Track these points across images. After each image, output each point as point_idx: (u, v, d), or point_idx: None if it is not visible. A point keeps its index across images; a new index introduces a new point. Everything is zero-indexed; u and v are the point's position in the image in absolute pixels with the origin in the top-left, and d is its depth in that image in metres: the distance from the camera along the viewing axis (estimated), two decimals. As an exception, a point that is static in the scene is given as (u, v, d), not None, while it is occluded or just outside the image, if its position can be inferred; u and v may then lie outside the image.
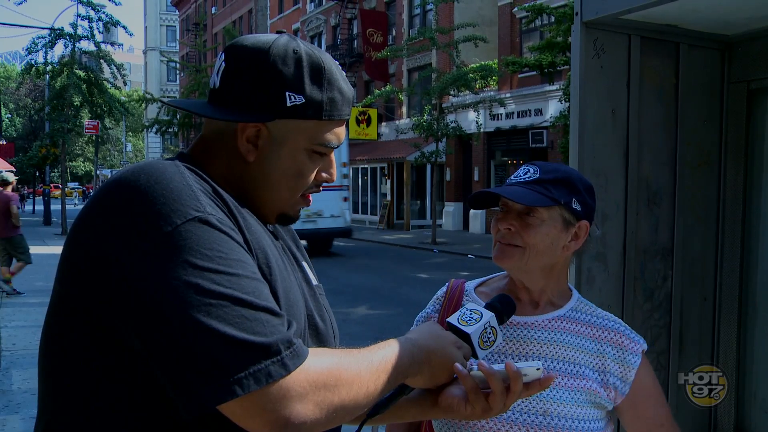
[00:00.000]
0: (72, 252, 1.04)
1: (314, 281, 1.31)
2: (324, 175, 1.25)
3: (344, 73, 1.24)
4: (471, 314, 1.29)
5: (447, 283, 1.71)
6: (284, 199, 1.22)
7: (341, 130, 1.22)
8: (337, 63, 1.23)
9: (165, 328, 0.92)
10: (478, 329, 1.27)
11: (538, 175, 1.50)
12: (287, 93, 1.14)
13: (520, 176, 1.52)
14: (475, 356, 1.26)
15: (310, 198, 1.27)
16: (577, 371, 1.50)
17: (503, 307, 1.35)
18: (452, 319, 1.29)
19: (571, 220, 1.50)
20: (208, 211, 1.00)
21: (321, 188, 1.27)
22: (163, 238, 0.96)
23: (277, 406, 0.93)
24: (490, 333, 1.28)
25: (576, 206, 1.49)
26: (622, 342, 1.52)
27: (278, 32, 1.21)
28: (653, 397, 1.53)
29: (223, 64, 1.18)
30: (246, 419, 0.94)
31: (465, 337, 1.26)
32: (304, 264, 1.33)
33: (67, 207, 24.76)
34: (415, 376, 1.17)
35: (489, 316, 1.29)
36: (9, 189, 11.51)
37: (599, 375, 1.50)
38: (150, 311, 0.94)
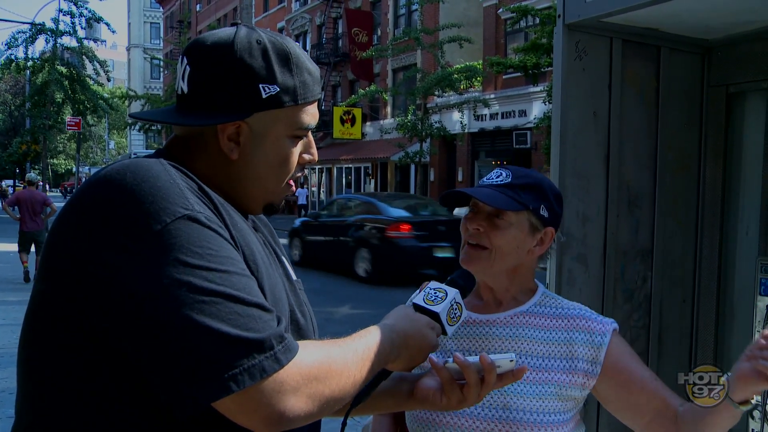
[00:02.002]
0: (55, 251, 1.03)
1: (293, 276, 1.31)
2: (306, 156, 1.25)
3: (306, 53, 1.23)
4: (436, 293, 1.32)
5: (423, 284, 1.74)
6: (271, 189, 1.22)
7: (315, 110, 1.23)
8: (299, 44, 1.23)
9: (158, 327, 0.92)
10: (445, 307, 1.30)
11: (509, 180, 1.53)
12: (260, 85, 1.13)
13: (493, 179, 1.56)
14: (444, 333, 1.30)
15: (293, 184, 1.27)
16: (540, 364, 1.52)
17: (465, 281, 1.40)
18: (418, 299, 1.31)
19: (538, 225, 1.54)
20: (196, 209, 1.00)
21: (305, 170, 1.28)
22: (153, 237, 0.95)
23: (272, 401, 0.94)
24: (456, 309, 1.32)
25: (543, 213, 1.53)
26: (590, 326, 1.54)
27: (233, 24, 1.19)
28: (634, 361, 1.54)
29: (188, 68, 1.15)
30: (241, 415, 0.95)
31: (433, 315, 1.29)
32: (284, 258, 1.33)
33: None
34: (395, 360, 1.19)
35: (454, 292, 1.32)
36: (34, 188, 12.71)
37: (566, 362, 1.52)
38: (142, 311, 0.93)
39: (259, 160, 1.18)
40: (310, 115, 1.21)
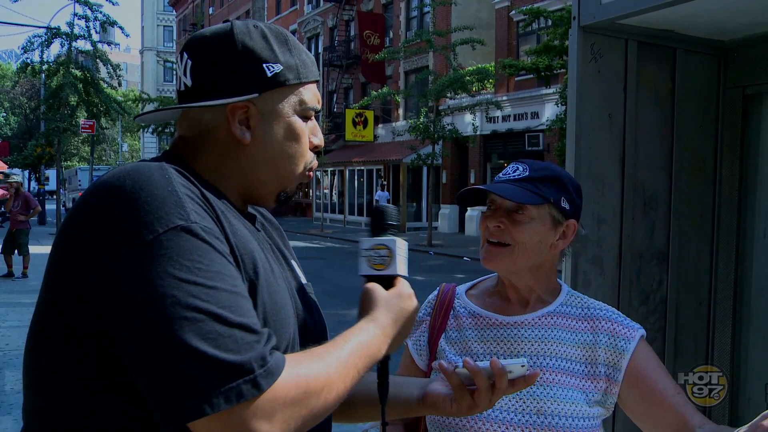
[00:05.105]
0: (57, 258, 1.03)
1: (303, 280, 1.30)
2: (314, 140, 1.24)
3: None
4: (378, 252, 1.21)
5: (438, 288, 1.70)
6: (285, 172, 1.21)
7: (318, 93, 1.24)
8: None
9: (140, 339, 0.91)
10: (402, 263, 1.21)
11: (527, 173, 1.50)
12: (264, 65, 1.15)
13: (510, 174, 1.53)
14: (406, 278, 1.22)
15: (311, 174, 1.27)
16: (569, 367, 1.49)
17: (381, 219, 1.25)
18: (366, 271, 1.21)
19: (560, 218, 1.51)
20: (191, 218, 0.98)
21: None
22: (144, 247, 0.94)
23: (245, 427, 0.91)
24: (403, 251, 1.22)
25: (565, 205, 1.50)
26: (615, 329, 1.51)
27: (225, 21, 1.21)
28: (660, 372, 1.49)
29: (189, 61, 1.16)
30: None
31: (394, 278, 1.20)
32: (293, 262, 1.32)
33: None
34: (386, 351, 1.16)
35: (393, 242, 1.21)
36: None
37: (589, 367, 1.49)
38: (128, 321, 0.92)
39: (272, 140, 1.17)
40: (314, 96, 1.22)
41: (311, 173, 1.26)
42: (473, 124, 22.34)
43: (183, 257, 0.94)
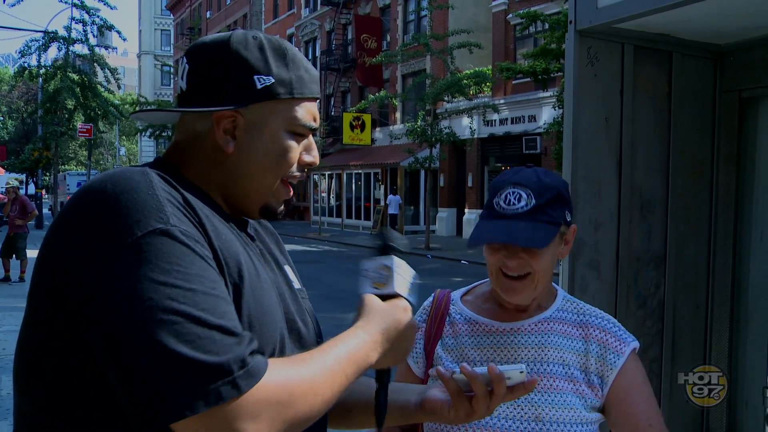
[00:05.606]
0: (43, 263, 1.03)
1: (297, 285, 1.29)
2: (307, 158, 1.22)
3: (308, 59, 1.24)
4: (379, 272, 1.21)
5: (433, 294, 1.69)
6: (268, 184, 1.20)
7: (315, 111, 1.22)
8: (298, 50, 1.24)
9: (118, 342, 0.91)
10: (402, 283, 1.20)
11: (534, 202, 1.43)
12: (255, 77, 1.14)
13: (515, 205, 1.44)
14: (410, 303, 1.23)
15: (291, 189, 1.24)
16: (567, 373, 1.48)
17: (382, 238, 1.25)
18: (367, 290, 1.21)
19: (565, 230, 1.50)
20: (171, 222, 0.98)
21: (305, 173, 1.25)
22: (123, 250, 0.94)
23: (230, 428, 0.90)
24: (404, 274, 1.22)
25: (568, 217, 1.50)
26: (607, 340, 1.50)
27: (229, 28, 1.20)
28: (641, 396, 1.48)
29: (187, 66, 1.17)
30: None
31: (394, 296, 1.21)
32: (287, 267, 1.31)
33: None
34: (381, 359, 1.14)
35: (393, 261, 1.21)
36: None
37: (584, 374, 1.48)
38: (105, 323, 0.92)
39: (256, 153, 1.16)
40: (309, 113, 1.20)
41: (290, 188, 1.24)
42: (470, 128, 22.35)
43: (161, 260, 0.94)
